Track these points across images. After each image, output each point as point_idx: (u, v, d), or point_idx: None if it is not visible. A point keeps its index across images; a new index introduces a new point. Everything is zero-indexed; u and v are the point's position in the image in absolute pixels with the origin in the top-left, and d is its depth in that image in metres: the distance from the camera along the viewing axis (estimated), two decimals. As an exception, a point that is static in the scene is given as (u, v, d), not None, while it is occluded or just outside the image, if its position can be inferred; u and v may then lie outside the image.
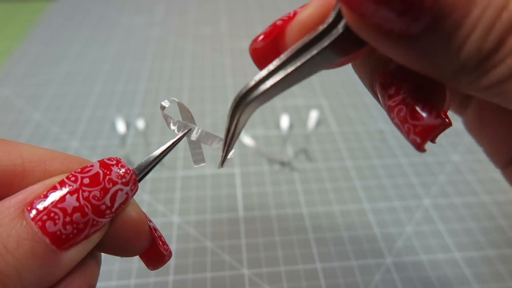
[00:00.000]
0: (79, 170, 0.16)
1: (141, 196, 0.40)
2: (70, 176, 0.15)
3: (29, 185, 0.15)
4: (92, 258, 0.17)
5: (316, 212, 0.38)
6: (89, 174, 0.16)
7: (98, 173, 0.16)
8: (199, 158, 0.20)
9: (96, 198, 0.15)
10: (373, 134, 0.48)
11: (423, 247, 0.35)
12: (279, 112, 0.51)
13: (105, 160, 0.16)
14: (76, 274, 0.16)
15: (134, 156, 0.44)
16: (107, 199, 0.16)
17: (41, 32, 0.71)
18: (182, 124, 0.19)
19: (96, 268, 0.17)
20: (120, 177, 0.16)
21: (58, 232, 0.14)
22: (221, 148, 0.18)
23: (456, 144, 0.46)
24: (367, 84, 0.18)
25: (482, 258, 0.34)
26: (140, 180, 0.17)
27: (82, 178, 0.15)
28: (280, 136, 0.47)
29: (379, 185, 0.41)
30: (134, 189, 0.17)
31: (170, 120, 0.19)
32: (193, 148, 0.20)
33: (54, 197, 0.15)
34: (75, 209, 0.15)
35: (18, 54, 0.65)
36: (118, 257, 0.25)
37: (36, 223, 0.14)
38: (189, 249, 0.35)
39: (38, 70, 0.60)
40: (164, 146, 0.19)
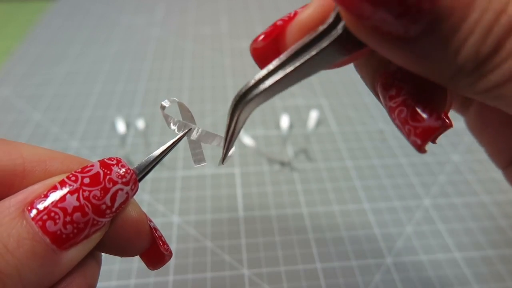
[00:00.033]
0: (80, 170, 0.16)
1: (141, 196, 0.40)
2: (71, 176, 0.15)
3: (29, 185, 0.15)
4: (93, 258, 0.17)
5: (316, 212, 0.38)
6: (90, 173, 0.16)
7: (98, 172, 0.16)
8: (199, 158, 0.20)
9: (97, 198, 0.15)
10: (373, 134, 0.48)
11: (423, 247, 0.35)
12: (279, 112, 0.51)
13: (105, 160, 0.16)
14: (77, 274, 0.16)
15: (134, 156, 0.44)
16: (108, 198, 0.16)
17: (41, 32, 0.71)
18: (182, 123, 0.19)
19: (96, 268, 0.17)
20: (120, 177, 0.16)
21: (59, 232, 0.14)
22: (222, 146, 0.18)
23: (456, 144, 0.46)
24: (369, 85, 0.18)
25: (482, 258, 0.34)
26: (140, 180, 0.17)
27: (83, 177, 0.15)
28: (280, 136, 0.47)
29: (379, 185, 0.41)
30: (135, 189, 0.17)
31: (170, 120, 0.19)
32: (193, 148, 0.20)
33: (54, 196, 0.15)
34: (75, 209, 0.15)
35: (18, 54, 0.65)
36: (118, 257, 0.25)
37: (36, 223, 0.14)
38: (189, 249, 0.35)
39: (38, 70, 0.60)
40: (164, 146, 0.19)
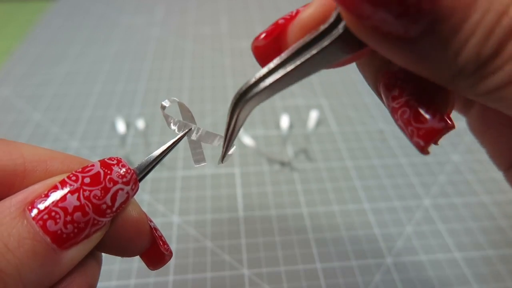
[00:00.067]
0: (80, 169, 0.16)
1: (141, 196, 0.40)
2: (71, 175, 0.15)
3: (30, 185, 0.16)
4: (93, 258, 0.17)
5: (316, 212, 0.38)
6: (90, 173, 0.16)
7: (99, 172, 0.16)
8: (199, 158, 0.20)
9: (97, 198, 0.15)
10: (373, 134, 0.48)
11: (423, 247, 0.35)
12: (279, 112, 0.51)
13: (105, 159, 0.16)
14: (77, 273, 0.16)
15: (134, 156, 0.44)
16: (108, 198, 0.16)
17: (41, 32, 0.71)
18: (182, 123, 0.19)
19: (96, 268, 0.17)
20: (121, 177, 0.16)
21: (59, 231, 0.14)
22: (222, 145, 0.18)
23: (456, 144, 0.46)
24: (371, 84, 0.18)
25: (482, 258, 0.34)
26: (140, 180, 0.17)
27: (83, 177, 0.15)
28: (280, 136, 0.47)
29: (379, 185, 0.41)
30: (135, 189, 0.17)
31: (171, 120, 0.19)
32: (194, 148, 0.20)
33: (55, 196, 0.15)
34: (76, 209, 0.15)
35: (18, 54, 0.64)
36: (118, 257, 0.25)
37: (37, 222, 0.14)
38: (189, 249, 0.35)
39: (38, 70, 0.60)
40: (164, 146, 0.19)
